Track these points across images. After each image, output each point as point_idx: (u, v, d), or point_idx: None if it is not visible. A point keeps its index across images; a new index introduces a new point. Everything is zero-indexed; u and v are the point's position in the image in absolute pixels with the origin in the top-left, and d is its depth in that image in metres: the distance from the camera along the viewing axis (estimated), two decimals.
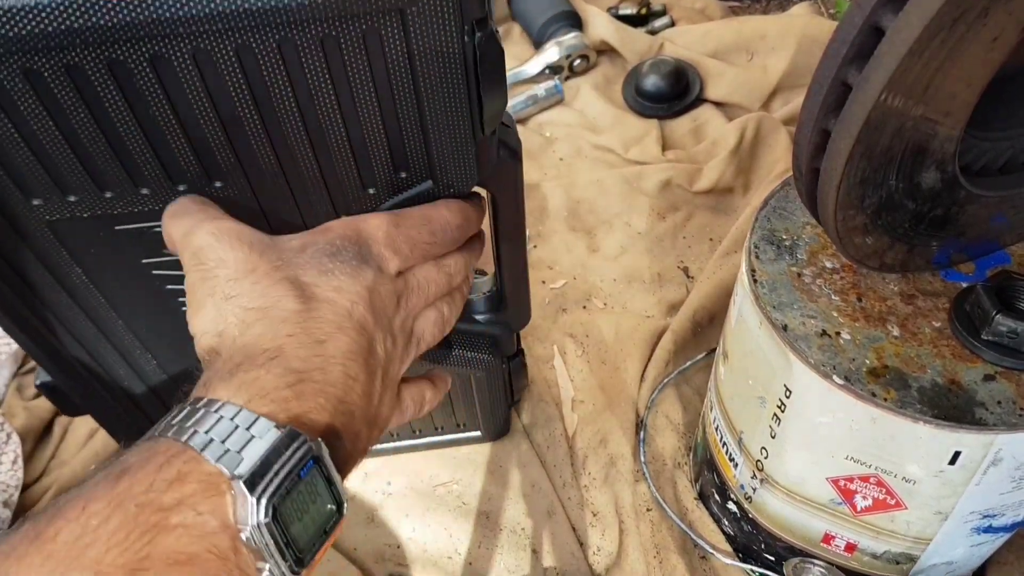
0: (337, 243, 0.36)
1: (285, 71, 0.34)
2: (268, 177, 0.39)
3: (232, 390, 0.30)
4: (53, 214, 0.39)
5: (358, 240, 0.37)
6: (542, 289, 0.87)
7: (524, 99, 1.05)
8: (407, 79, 0.35)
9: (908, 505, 0.47)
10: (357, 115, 0.37)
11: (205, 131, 0.36)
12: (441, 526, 0.69)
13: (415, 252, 0.39)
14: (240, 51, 0.33)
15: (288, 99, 0.35)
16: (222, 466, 0.28)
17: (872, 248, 0.45)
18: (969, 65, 0.36)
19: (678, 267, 0.88)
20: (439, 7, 0.32)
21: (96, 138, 0.36)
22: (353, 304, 0.35)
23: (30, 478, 0.72)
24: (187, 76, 0.34)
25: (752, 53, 1.07)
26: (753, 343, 0.49)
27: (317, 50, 0.33)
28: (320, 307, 0.34)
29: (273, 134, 0.37)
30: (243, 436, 0.29)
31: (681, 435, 0.73)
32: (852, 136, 0.37)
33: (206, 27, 0.32)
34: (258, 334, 0.32)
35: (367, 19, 0.32)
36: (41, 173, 0.37)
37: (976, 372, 0.44)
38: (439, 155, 0.39)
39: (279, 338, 0.32)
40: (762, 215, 0.53)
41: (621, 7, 1.19)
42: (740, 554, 0.64)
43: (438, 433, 0.72)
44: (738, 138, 0.95)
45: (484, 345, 0.59)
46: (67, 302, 0.45)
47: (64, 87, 0.33)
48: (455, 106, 0.37)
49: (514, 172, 0.46)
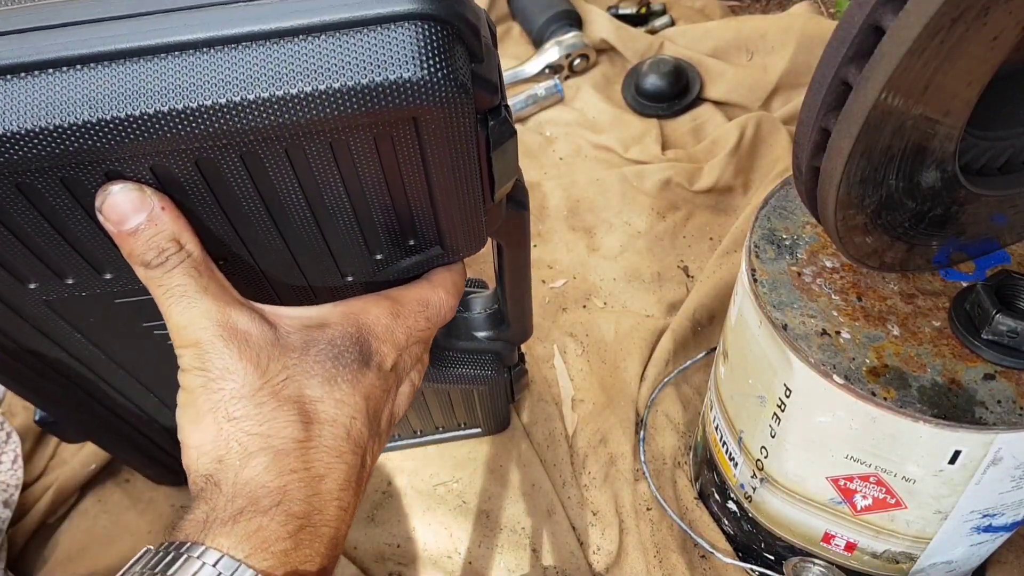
0: (339, 343, 0.35)
1: (293, 172, 0.33)
2: (273, 254, 0.38)
3: (233, 540, 0.30)
4: (50, 294, 0.38)
5: (359, 338, 0.36)
6: (542, 288, 0.87)
7: (524, 98, 1.05)
8: (418, 169, 0.35)
9: (908, 504, 0.47)
10: (366, 201, 0.36)
11: (210, 224, 0.35)
12: (441, 525, 0.69)
13: (411, 340, 0.38)
14: (245, 158, 0.32)
15: (296, 194, 0.35)
16: None
17: (872, 247, 0.45)
18: (969, 64, 0.36)
19: (678, 266, 0.88)
20: (452, 112, 0.31)
21: (93, 232, 0.34)
22: (352, 420, 0.34)
23: (30, 477, 0.72)
24: (189, 180, 0.33)
25: (752, 52, 1.07)
26: (753, 342, 0.49)
27: (326, 153, 0.33)
28: (322, 432, 0.33)
29: (280, 222, 0.36)
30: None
31: (681, 434, 0.73)
32: (852, 135, 0.37)
33: (210, 143, 0.31)
34: (262, 469, 0.32)
35: (379, 126, 0.32)
36: (35, 263, 0.36)
37: (976, 371, 0.44)
38: (448, 226, 0.39)
39: (283, 476, 0.32)
40: (762, 214, 0.53)
41: (621, 6, 1.19)
42: (740, 553, 0.64)
43: (439, 432, 0.72)
44: (738, 137, 0.95)
45: (486, 362, 0.58)
46: (66, 359, 0.44)
47: (59, 195, 0.32)
48: (466, 186, 0.36)
49: (521, 222, 0.45)
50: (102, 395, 0.49)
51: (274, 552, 0.30)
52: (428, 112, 0.31)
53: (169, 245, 0.32)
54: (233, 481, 0.31)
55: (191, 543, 0.30)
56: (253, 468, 0.31)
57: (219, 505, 0.31)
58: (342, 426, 0.34)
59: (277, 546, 0.30)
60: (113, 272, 0.38)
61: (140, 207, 0.31)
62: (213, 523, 0.30)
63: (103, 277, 0.38)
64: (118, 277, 0.38)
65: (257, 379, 0.32)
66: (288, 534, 0.31)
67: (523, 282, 0.52)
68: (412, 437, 0.72)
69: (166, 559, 0.29)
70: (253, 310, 0.34)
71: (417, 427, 0.70)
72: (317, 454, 0.33)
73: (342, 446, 0.34)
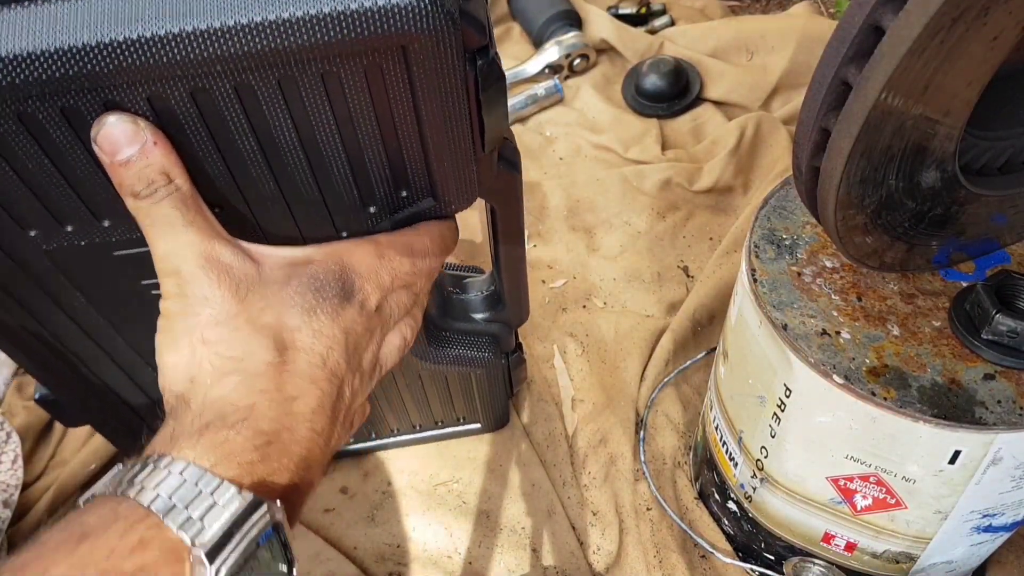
0: (321, 277, 0.36)
1: (286, 106, 0.34)
2: (267, 200, 0.39)
3: (199, 451, 0.30)
4: (50, 243, 0.39)
5: (341, 274, 0.36)
6: (542, 288, 0.87)
7: (524, 98, 1.05)
8: (409, 107, 0.35)
9: (908, 504, 0.47)
10: (358, 142, 0.37)
11: (204, 163, 0.35)
12: (441, 525, 0.69)
13: (395, 283, 0.39)
14: (239, 89, 0.33)
15: (289, 131, 0.35)
16: (184, 534, 0.28)
17: (872, 247, 0.45)
18: (969, 64, 0.36)
19: (678, 266, 0.89)
20: (440, 42, 0.32)
21: (92, 172, 0.35)
22: (329, 350, 0.35)
23: (30, 477, 0.72)
24: (184, 112, 0.33)
25: (752, 52, 1.07)
26: (753, 342, 0.49)
27: (318, 85, 0.33)
28: (296, 358, 0.34)
29: (274, 163, 0.37)
30: (206, 502, 0.29)
31: (681, 434, 0.73)
32: (852, 135, 0.37)
33: (204, 69, 0.31)
34: (231, 388, 0.32)
35: (369, 56, 0.32)
36: (36, 205, 0.37)
37: (976, 371, 0.44)
38: (440, 175, 0.39)
39: (252, 394, 0.32)
40: (762, 214, 0.53)
41: (621, 6, 1.19)
42: (740, 553, 0.64)
43: (438, 427, 0.72)
44: (738, 137, 0.95)
45: (483, 344, 0.59)
46: (66, 322, 0.45)
47: (58, 127, 0.33)
48: (457, 130, 0.37)
49: (514, 183, 0.46)
50: (101, 369, 0.49)
51: (239, 463, 0.31)
52: (416, 40, 0.32)
53: (159, 178, 0.33)
54: (203, 399, 0.32)
55: (158, 455, 0.30)
56: (223, 387, 0.32)
57: (187, 421, 0.31)
58: (318, 354, 0.34)
59: (243, 457, 0.31)
60: (111, 220, 0.38)
61: (133, 139, 0.32)
62: (180, 436, 0.31)
63: (101, 224, 0.38)
64: (116, 225, 0.39)
65: (234, 306, 0.33)
66: (254, 447, 0.31)
67: (517, 255, 0.53)
68: (412, 432, 0.72)
69: (133, 469, 0.30)
70: (238, 247, 0.35)
71: (417, 421, 0.70)
72: (290, 377, 0.33)
73: (317, 373, 0.34)
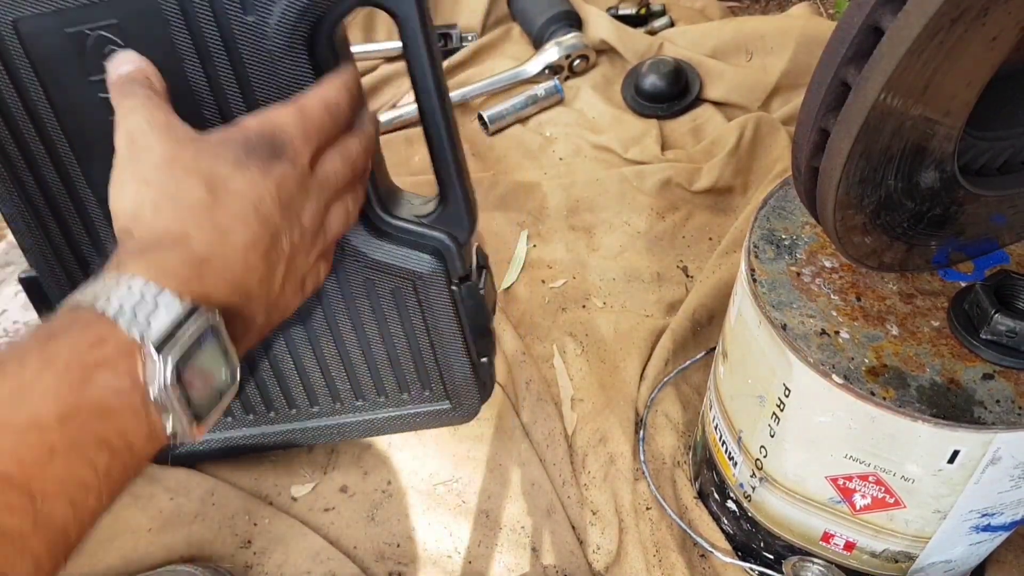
0: (251, 136, 0.39)
1: None
2: None
3: (142, 267, 0.34)
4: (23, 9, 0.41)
5: (271, 134, 0.39)
6: (542, 288, 0.87)
7: (524, 99, 1.06)
8: None
9: (907, 504, 0.47)
10: None
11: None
12: (441, 525, 0.69)
13: (322, 137, 0.41)
14: None
15: None
16: (135, 331, 0.32)
17: (871, 247, 0.45)
18: (968, 65, 0.36)
19: (677, 266, 0.89)
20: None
21: None
22: (260, 199, 0.38)
23: None
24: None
25: (751, 53, 1.07)
26: (752, 342, 0.49)
27: None
28: (227, 200, 0.37)
29: None
30: (151, 306, 0.33)
31: (680, 434, 0.73)
32: (851, 135, 0.37)
33: None
34: (168, 219, 0.36)
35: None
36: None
37: (975, 371, 0.44)
38: None
39: (186, 225, 0.36)
40: (761, 214, 0.53)
41: (621, 7, 1.19)
42: (739, 552, 0.64)
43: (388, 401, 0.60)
44: (737, 138, 0.95)
45: (425, 248, 0.51)
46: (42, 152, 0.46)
47: None
48: None
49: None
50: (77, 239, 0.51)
51: (176, 277, 0.35)
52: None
53: (142, 78, 0.40)
54: (144, 230, 0.37)
55: (107, 273, 0.34)
56: (161, 219, 0.37)
57: (131, 246, 0.36)
58: (249, 200, 0.38)
59: (179, 273, 0.35)
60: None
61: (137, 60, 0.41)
62: (125, 259, 0.35)
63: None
64: None
65: (173, 156, 0.38)
66: (190, 266, 0.35)
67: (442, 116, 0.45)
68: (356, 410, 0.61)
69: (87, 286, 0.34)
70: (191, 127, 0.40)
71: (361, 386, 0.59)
72: (222, 215, 0.37)
73: (248, 215, 0.37)
